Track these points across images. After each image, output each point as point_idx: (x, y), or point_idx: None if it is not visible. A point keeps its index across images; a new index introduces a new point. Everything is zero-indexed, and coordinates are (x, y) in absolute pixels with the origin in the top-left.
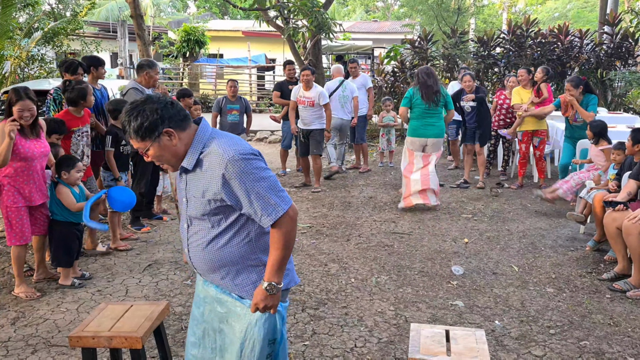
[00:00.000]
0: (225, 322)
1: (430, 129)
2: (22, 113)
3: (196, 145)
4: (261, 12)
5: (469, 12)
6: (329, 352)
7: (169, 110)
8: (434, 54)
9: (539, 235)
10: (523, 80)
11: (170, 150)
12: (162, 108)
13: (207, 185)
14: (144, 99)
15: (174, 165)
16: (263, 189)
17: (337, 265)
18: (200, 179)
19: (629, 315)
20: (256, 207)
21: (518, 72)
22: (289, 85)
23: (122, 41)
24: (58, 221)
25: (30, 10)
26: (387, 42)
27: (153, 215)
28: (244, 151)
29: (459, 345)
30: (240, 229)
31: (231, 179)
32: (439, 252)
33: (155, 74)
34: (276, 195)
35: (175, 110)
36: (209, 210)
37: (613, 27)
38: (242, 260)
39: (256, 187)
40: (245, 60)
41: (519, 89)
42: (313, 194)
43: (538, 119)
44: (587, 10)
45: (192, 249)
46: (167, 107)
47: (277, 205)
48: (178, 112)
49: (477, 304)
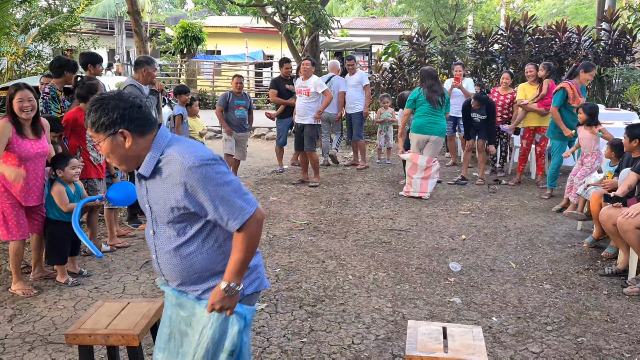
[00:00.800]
0: (189, 325)
1: (435, 127)
2: (22, 104)
3: (154, 152)
4: (259, 9)
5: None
6: (327, 349)
7: (133, 113)
8: (432, 51)
9: (537, 232)
10: (531, 77)
11: (121, 151)
12: (127, 109)
13: (169, 193)
14: (114, 95)
15: (124, 166)
16: (227, 194)
17: (335, 262)
18: (160, 186)
19: (626, 312)
20: (222, 212)
21: (526, 68)
22: (285, 82)
23: (119, 37)
24: (52, 219)
25: (27, 7)
26: (384, 38)
27: None
28: (204, 157)
29: (456, 342)
30: (207, 236)
31: (193, 186)
32: (437, 249)
33: (153, 71)
34: (241, 199)
35: (140, 114)
36: (173, 218)
37: (611, 24)
38: (212, 266)
39: (220, 192)
40: (242, 57)
41: (524, 85)
42: (311, 191)
43: (540, 115)
44: (585, 6)
45: (160, 256)
46: (132, 109)
47: (243, 208)
48: (143, 117)
49: (475, 300)
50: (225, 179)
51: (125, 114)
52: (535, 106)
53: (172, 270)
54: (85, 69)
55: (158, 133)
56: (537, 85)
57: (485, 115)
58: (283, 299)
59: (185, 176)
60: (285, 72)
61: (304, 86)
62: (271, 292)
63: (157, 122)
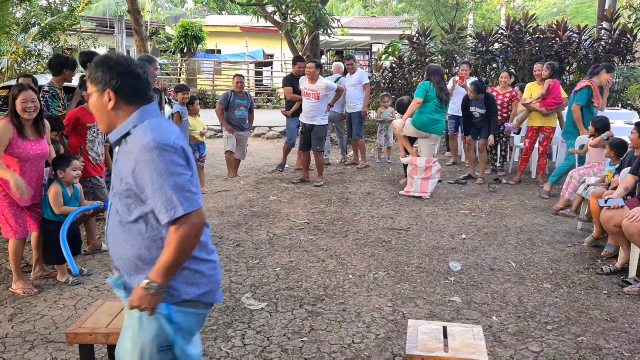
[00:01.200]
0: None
1: (438, 126)
2: (25, 104)
3: (128, 123)
4: (259, 8)
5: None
6: (327, 348)
7: (127, 79)
8: (432, 50)
9: (537, 231)
10: (539, 76)
11: (103, 111)
12: (123, 73)
13: (124, 165)
14: (118, 57)
15: (102, 126)
16: (168, 185)
17: (335, 261)
18: (122, 157)
19: (626, 311)
20: (157, 200)
21: (534, 67)
22: (297, 80)
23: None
24: (46, 219)
25: (27, 5)
26: (385, 37)
27: None
28: (162, 141)
29: (457, 341)
30: (150, 224)
31: (141, 165)
32: (437, 248)
33: (154, 70)
34: (181, 194)
35: (133, 83)
36: (121, 191)
37: (611, 23)
38: (149, 257)
39: (161, 181)
40: (242, 56)
41: (531, 85)
42: (311, 190)
43: (542, 115)
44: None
45: (110, 231)
46: (127, 75)
47: (178, 204)
48: (136, 87)
49: (475, 300)
50: (172, 169)
51: (119, 77)
52: (537, 106)
53: (117, 249)
54: (85, 68)
55: (143, 107)
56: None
57: (485, 110)
58: (283, 298)
59: (137, 153)
60: (297, 70)
61: (313, 90)
62: (271, 291)
63: (151, 98)
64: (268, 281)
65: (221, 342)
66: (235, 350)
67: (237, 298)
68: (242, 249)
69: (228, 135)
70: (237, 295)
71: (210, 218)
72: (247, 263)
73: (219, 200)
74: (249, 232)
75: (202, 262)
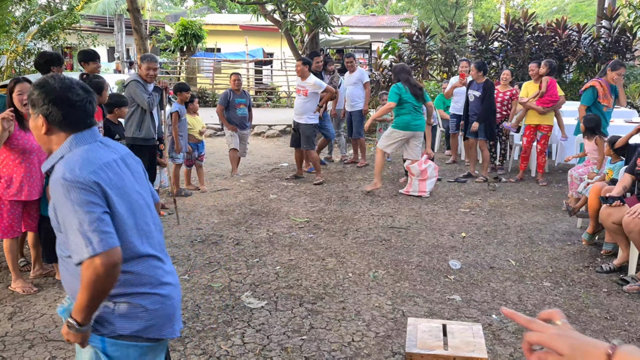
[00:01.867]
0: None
1: (420, 122)
2: (21, 96)
3: (57, 153)
4: (259, 6)
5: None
6: (327, 347)
7: (60, 106)
8: (432, 48)
9: (536, 230)
10: (534, 75)
11: (39, 134)
12: (56, 99)
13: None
14: (58, 82)
15: (45, 150)
16: (75, 224)
17: (335, 259)
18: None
19: (626, 309)
20: (68, 238)
21: (529, 66)
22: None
23: (119, 35)
24: (45, 217)
25: (26, 4)
26: (385, 36)
27: None
28: (73, 178)
29: (456, 340)
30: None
31: (55, 200)
32: (437, 247)
33: (147, 69)
34: (87, 236)
35: (67, 111)
36: (55, 225)
37: (611, 21)
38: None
39: (70, 219)
40: (242, 55)
41: (527, 83)
42: (311, 189)
43: (539, 113)
44: (585, 4)
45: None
46: (61, 102)
47: (84, 246)
48: (69, 114)
49: (475, 298)
50: (80, 209)
51: (51, 104)
52: (533, 104)
53: (63, 278)
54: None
55: (76, 135)
56: (539, 83)
57: (480, 93)
58: (283, 296)
59: (53, 188)
60: (315, 66)
61: (302, 86)
62: (271, 290)
63: (88, 124)
64: (268, 280)
65: (221, 341)
66: (235, 349)
67: (237, 296)
68: (242, 248)
69: (232, 134)
70: (237, 293)
71: (210, 216)
72: (246, 261)
73: (218, 198)
74: (248, 230)
75: (144, 296)
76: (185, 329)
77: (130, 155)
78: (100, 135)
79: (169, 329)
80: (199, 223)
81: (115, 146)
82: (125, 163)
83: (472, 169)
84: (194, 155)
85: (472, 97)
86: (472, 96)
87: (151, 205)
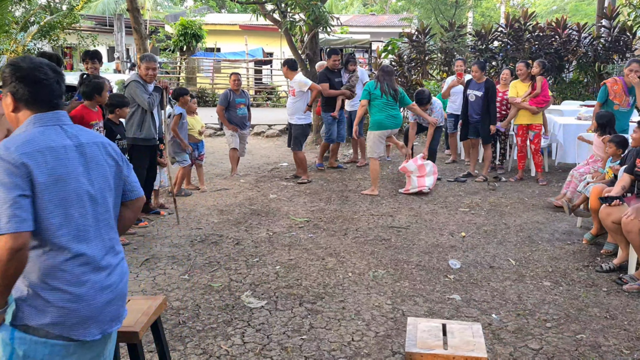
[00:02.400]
0: None
1: (396, 120)
2: None
3: (16, 131)
4: (258, 6)
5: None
6: (326, 346)
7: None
8: (432, 48)
9: (536, 229)
10: (522, 75)
11: (7, 111)
12: (25, 77)
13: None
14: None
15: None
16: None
17: (335, 259)
18: None
19: (625, 309)
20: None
21: (516, 66)
22: (333, 75)
23: (119, 35)
24: None
25: (26, 4)
26: (384, 35)
27: (150, 210)
28: (4, 156)
29: (456, 339)
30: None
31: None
32: (436, 246)
33: (146, 69)
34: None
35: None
36: None
37: (611, 21)
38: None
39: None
40: (242, 54)
41: (516, 82)
42: (310, 188)
43: (532, 113)
44: (585, 3)
45: None
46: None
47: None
48: (35, 92)
49: (474, 297)
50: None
51: (18, 80)
52: (526, 104)
53: None
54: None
55: (38, 115)
56: (529, 83)
57: (482, 92)
58: (283, 296)
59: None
60: (332, 64)
61: (290, 86)
62: (271, 289)
63: (54, 105)
64: (268, 279)
65: (221, 340)
66: (235, 349)
67: (237, 296)
68: (242, 247)
69: (232, 133)
70: (236, 293)
71: (210, 216)
72: (246, 261)
73: (218, 198)
74: (248, 230)
75: (52, 290)
76: (185, 329)
77: (96, 145)
78: (65, 120)
79: (80, 330)
80: (199, 223)
81: (79, 133)
82: (81, 151)
83: (472, 169)
84: (194, 155)
85: (472, 97)
86: (473, 96)
87: (104, 199)
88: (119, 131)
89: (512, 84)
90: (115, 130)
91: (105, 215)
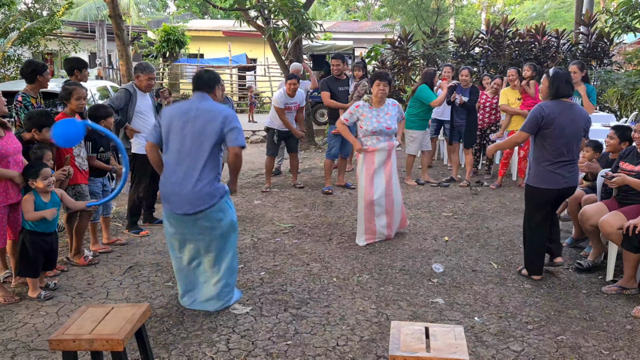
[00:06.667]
0: None
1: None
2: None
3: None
4: (242, 12)
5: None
6: (312, 351)
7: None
8: (414, 54)
9: (518, 233)
10: (513, 80)
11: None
12: None
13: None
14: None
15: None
16: None
17: (319, 264)
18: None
19: (604, 310)
20: None
21: (508, 72)
22: (337, 83)
23: (101, 41)
24: (26, 229)
25: (5, 10)
26: (367, 42)
27: (154, 220)
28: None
29: (439, 342)
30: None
31: None
32: (420, 251)
33: (144, 79)
34: None
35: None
36: None
37: (589, 27)
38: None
39: None
40: (226, 60)
41: (506, 90)
42: (295, 194)
43: (524, 117)
44: (564, 10)
45: None
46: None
47: None
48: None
49: (457, 301)
50: None
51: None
52: (518, 109)
53: None
54: (71, 75)
55: None
56: (519, 89)
57: (467, 97)
58: (268, 302)
59: None
60: (334, 70)
61: (294, 102)
62: (256, 295)
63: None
64: (253, 285)
65: (205, 347)
66: (220, 355)
67: None
68: None
69: None
70: None
71: None
72: None
73: None
74: None
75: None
76: (169, 336)
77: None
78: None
79: None
80: None
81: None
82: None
83: (454, 173)
84: None
85: (458, 101)
86: (458, 102)
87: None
88: (102, 143)
89: (502, 92)
90: (99, 142)
91: None
